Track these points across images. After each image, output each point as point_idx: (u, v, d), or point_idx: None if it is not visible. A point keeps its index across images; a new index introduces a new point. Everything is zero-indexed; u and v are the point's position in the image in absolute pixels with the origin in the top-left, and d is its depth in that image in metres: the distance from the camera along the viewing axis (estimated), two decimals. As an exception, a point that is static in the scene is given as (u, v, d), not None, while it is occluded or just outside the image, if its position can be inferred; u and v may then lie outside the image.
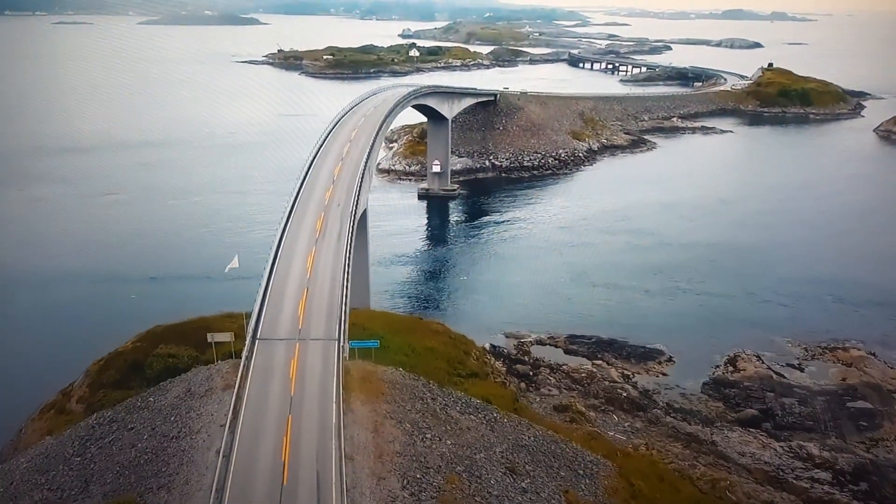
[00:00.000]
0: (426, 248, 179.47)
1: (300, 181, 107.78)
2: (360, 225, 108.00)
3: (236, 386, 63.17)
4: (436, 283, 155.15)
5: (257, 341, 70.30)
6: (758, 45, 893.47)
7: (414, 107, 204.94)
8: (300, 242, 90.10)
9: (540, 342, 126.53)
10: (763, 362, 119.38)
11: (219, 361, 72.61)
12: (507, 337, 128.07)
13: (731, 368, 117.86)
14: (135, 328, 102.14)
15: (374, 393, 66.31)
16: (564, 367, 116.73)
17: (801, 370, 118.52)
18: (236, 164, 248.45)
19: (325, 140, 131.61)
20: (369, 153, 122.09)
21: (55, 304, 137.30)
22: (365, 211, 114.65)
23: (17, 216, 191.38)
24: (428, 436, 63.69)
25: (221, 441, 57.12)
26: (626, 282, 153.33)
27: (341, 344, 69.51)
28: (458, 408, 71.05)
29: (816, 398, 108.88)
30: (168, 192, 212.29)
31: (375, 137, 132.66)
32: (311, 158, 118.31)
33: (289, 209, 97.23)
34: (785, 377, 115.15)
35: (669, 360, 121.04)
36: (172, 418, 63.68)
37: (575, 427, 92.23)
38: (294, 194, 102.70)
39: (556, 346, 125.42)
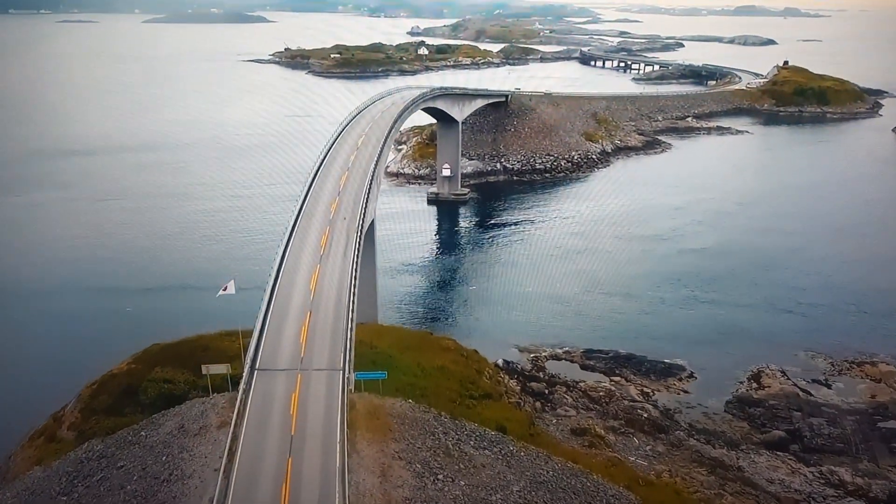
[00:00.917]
0: (436, 255, 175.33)
1: (304, 192, 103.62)
2: (368, 236, 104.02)
3: (232, 424, 59.07)
4: (445, 294, 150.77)
5: (256, 372, 66.28)
6: (771, 41, 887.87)
7: (423, 110, 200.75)
8: (303, 260, 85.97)
9: (555, 357, 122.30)
10: (788, 378, 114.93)
11: (214, 394, 68.50)
12: (520, 351, 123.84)
13: (754, 385, 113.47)
14: (130, 345, 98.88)
15: (382, 430, 62.14)
16: (581, 384, 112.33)
17: (829, 387, 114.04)
18: (241, 167, 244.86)
19: (330, 147, 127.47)
20: (377, 162, 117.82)
21: (49, 316, 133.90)
22: (372, 222, 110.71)
23: (13, 223, 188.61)
24: (440, 477, 59.53)
25: (215, 489, 52.96)
26: (641, 291, 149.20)
27: (346, 375, 65.30)
28: (472, 442, 66.79)
29: (846, 418, 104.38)
30: (169, 197, 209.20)
31: (383, 145, 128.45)
32: (315, 167, 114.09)
33: (292, 224, 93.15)
34: (812, 395, 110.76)
35: (690, 375, 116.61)
36: (164, 458, 59.65)
37: (594, 453, 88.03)
38: (298, 207, 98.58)
39: (571, 362, 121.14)
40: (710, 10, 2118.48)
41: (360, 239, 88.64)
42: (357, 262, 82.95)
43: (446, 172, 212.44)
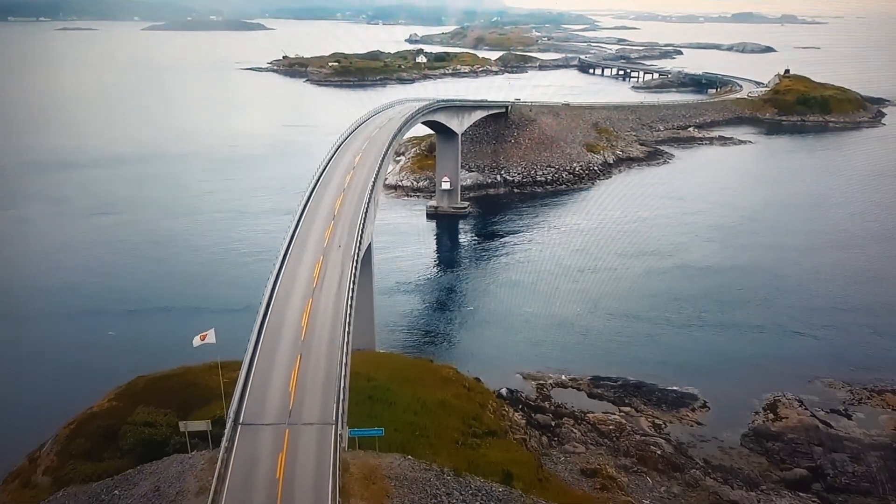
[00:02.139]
0: (435, 274, 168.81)
1: (296, 218, 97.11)
2: (365, 260, 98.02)
3: (211, 491, 52.72)
4: (445, 316, 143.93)
5: (239, 427, 59.77)
6: (770, 49, 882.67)
7: (422, 123, 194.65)
8: (294, 294, 79.44)
9: (560, 384, 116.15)
10: (806, 408, 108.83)
11: (194, 452, 62.31)
12: (524, 378, 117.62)
13: (771, 416, 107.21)
14: (114, 375, 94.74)
15: (379, 496, 55.79)
16: (589, 416, 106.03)
17: (849, 417, 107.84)
18: (236, 179, 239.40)
19: (325, 167, 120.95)
20: (374, 182, 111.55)
21: (28, 341, 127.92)
22: (369, 245, 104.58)
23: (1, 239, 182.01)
24: (444, 550, 53.34)
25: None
26: (646, 311, 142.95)
27: (339, 432, 58.79)
28: (477, 503, 60.50)
29: (869, 453, 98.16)
30: (161, 211, 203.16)
31: (380, 164, 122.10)
32: (309, 190, 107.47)
33: (282, 254, 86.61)
34: (832, 427, 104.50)
35: (703, 406, 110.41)
36: (137, 527, 53.47)
37: (607, 497, 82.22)
38: (289, 234, 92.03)
39: (578, 390, 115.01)
40: (708, 17, 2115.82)
41: (355, 269, 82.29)
42: (352, 297, 76.58)
43: (445, 185, 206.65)
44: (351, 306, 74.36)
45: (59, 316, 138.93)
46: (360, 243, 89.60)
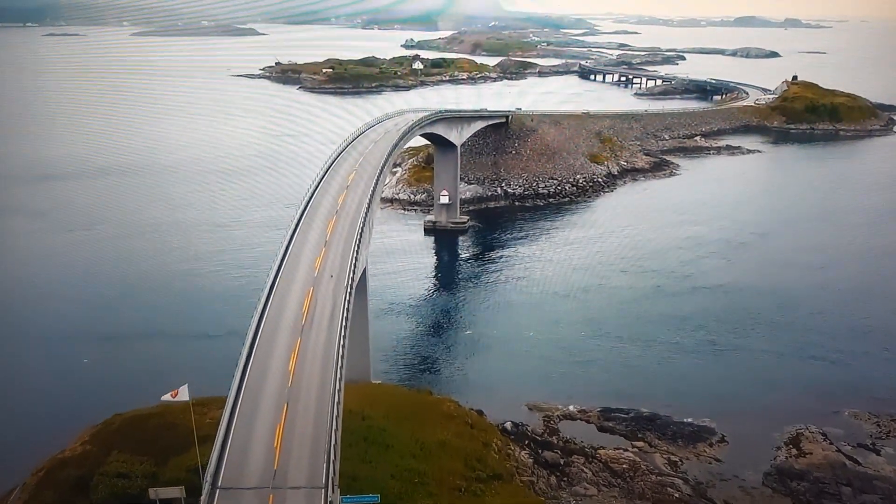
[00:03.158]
0: (434, 295, 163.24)
1: (284, 245, 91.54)
2: (359, 286, 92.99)
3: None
4: (444, 341, 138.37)
5: (217, 492, 54.31)
6: (774, 54, 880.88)
7: (419, 135, 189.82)
8: (281, 334, 73.90)
9: (569, 417, 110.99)
10: (831, 443, 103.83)
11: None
12: (529, 410, 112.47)
13: (794, 452, 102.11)
14: (88, 411, 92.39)
15: (375, 573, 50.76)
16: (601, 452, 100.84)
17: (878, 453, 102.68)
18: (223, 192, 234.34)
19: (316, 188, 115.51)
20: (369, 204, 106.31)
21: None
22: (364, 270, 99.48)
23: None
24: None
25: None
26: (655, 335, 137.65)
27: (329, 499, 53.35)
28: (485, 573, 55.53)
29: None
30: (144, 227, 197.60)
31: (375, 184, 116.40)
32: (298, 213, 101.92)
33: (267, 289, 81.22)
34: (860, 464, 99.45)
35: (722, 440, 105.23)
36: None
37: (622, 549, 77.17)
38: (276, 265, 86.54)
39: (587, 422, 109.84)
40: (710, 21, 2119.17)
41: (348, 302, 77.04)
42: (345, 336, 71.31)
43: (444, 199, 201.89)
44: (343, 346, 69.16)
45: (31, 340, 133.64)
46: (354, 272, 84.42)
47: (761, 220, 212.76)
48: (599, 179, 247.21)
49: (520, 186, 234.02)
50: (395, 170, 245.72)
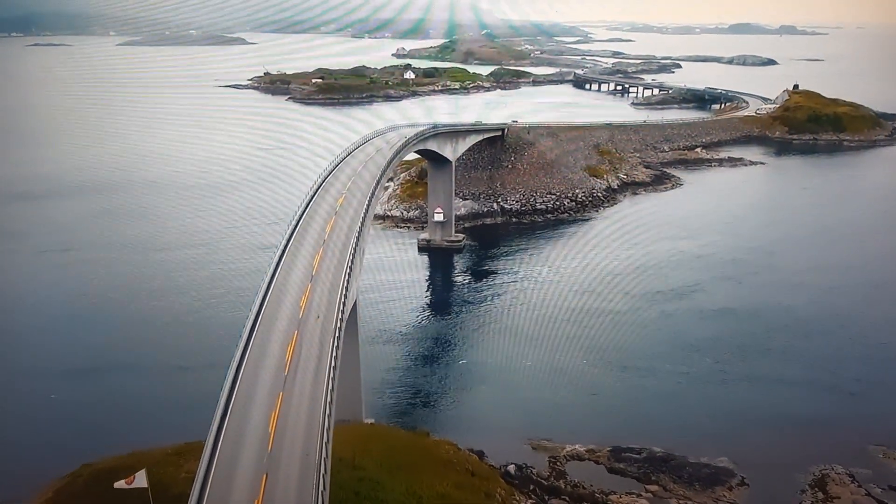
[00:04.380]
0: (428, 321, 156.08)
1: (267, 280, 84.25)
2: (350, 320, 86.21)
3: None
4: (441, 373, 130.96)
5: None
6: (771, 61, 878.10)
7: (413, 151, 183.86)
8: (261, 389, 66.05)
9: (576, 457, 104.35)
10: (860, 485, 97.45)
11: None
12: (533, 449, 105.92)
13: (821, 496, 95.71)
14: (55, 453, 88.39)
15: None
16: (612, 498, 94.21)
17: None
18: (207, 210, 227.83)
19: (302, 214, 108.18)
20: (360, 231, 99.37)
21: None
22: (355, 304, 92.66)
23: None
24: None
25: None
26: (662, 363, 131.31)
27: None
28: None
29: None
30: (124, 249, 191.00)
31: (366, 210, 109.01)
32: (282, 246, 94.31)
33: (246, 335, 73.77)
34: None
35: (741, 483, 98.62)
36: None
37: None
38: (256, 306, 79.14)
39: (596, 463, 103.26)
40: (704, 28, 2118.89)
41: (337, 349, 70.06)
42: (333, 389, 64.27)
43: (438, 217, 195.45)
44: (331, 403, 62.13)
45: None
46: (343, 311, 77.54)
47: (768, 236, 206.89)
48: (599, 194, 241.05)
49: (516, 202, 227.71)
50: (387, 185, 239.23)
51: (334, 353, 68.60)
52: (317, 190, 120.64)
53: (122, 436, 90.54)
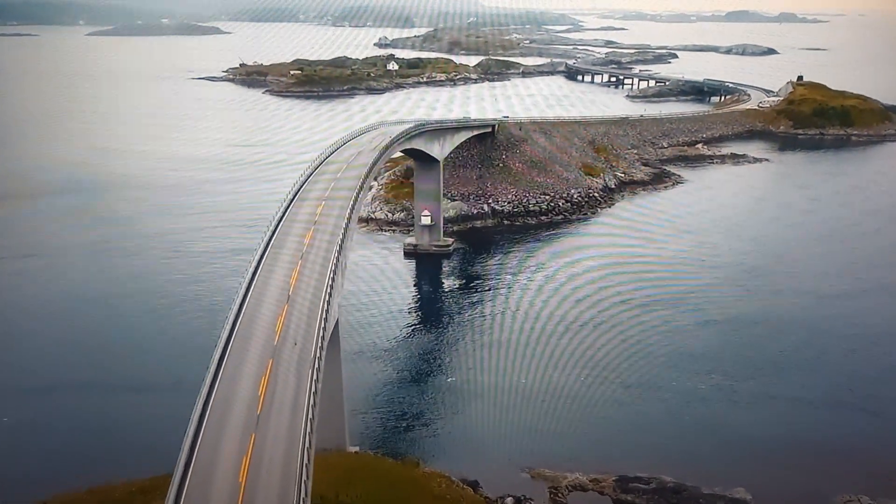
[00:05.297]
0: (416, 333, 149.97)
1: (238, 302, 78.62)
2: (332, 340, 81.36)
3: None
4: (429, 391, 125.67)
5: None
6: (772, 51, 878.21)
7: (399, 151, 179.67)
8: (231, 429, 60.61)
9: (579, 487, 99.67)
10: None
11: None
12: (532, 478, 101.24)
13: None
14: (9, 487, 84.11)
15: None
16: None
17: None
18: (177, 212, 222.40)
19: (277, 225, 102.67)
20: (341, 243, 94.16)
21: None
22: (337, 323, 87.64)
23: None
24: None
25: None
26: (668, 381, 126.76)
27: None
28: None
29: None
30: (87, 255, 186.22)
31: (348, 219, 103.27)
32: (256, 259, 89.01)
33: (214, 367, 68.26)
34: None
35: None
36: None
37: None
38: (226, 332, 73.63)
39: (601, 493, 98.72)
40: (700, 16, 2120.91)
41: (317, 380, 64.89)
42: (312, 432, 59.07)
43: (426, 220, 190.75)
44: (310, 447, 57.04)
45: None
46: (324, 336, 72.50)
47: (776, 239, 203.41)
48: (596, 194, 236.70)
49: (508, 203, 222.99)
50: (370, 184, 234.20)
51: (313, 388, 63.38)
52: (293, 198, 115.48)
53: (79, 468, 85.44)
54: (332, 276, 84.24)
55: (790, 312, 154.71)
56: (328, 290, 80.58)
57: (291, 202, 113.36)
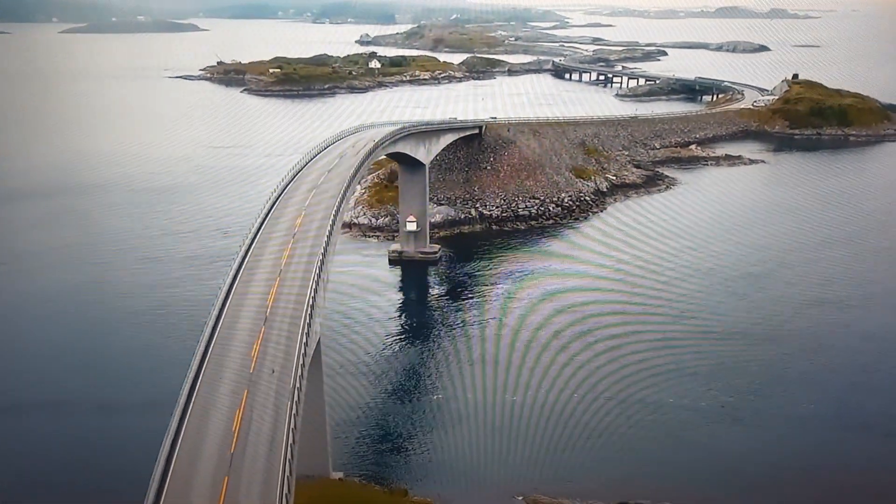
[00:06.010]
0: (401, 347, 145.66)
1: (210, 326, 74.28)
2: (313, 359, 77.27)
3: None
4: (416, 410, 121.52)
5: None
6: (764, 48, 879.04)
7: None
8: (202, 469, 56.32)
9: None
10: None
11: None
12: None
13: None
14: None
15: None
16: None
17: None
18: (153, 217, 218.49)
19: (254, 237, 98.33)
20: (323, 256, 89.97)
21: None
22: (318, 341, 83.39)
23: None
24: None
25: None
26: (665, 398, 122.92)
27: None
28: None
29: None
30: (59, 263, 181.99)
31: (330, 231, 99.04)
32: (230, 277, 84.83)
33: (183, 401, 63.74)
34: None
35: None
36: None
37: None
38: (197, 362, 69.13)
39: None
40: (689, 12, 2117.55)
41: (296, 414, 60.60)
42: (291, 473, 54.91)
43: (411, 226, 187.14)
44: (291, 477, 52.76)
45: None
46: (304, 361, 68.21)
47: (775, 244, 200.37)
48: (587, 198, 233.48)
49: (497, 207, 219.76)
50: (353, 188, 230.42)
51: (293, 423, 59.02)
52: (270, 209, 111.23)
53: (67, 480, 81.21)
54: (312, 294, 79.96)
55: (793, 323, 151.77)
56: (308, 311, 76.38)
57: (268, 215, 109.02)
